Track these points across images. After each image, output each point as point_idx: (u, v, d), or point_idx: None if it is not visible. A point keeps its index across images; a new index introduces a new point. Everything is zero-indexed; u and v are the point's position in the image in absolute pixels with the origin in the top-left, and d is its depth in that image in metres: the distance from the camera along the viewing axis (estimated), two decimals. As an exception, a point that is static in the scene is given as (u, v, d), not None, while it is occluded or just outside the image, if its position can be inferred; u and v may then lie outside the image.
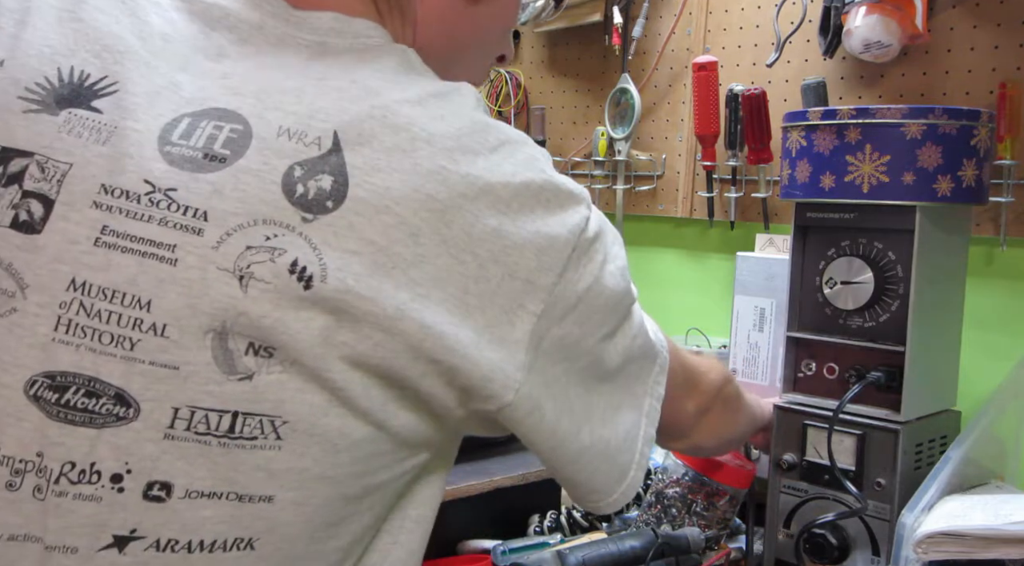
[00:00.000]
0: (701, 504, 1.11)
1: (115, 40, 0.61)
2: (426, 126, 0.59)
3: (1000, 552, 0.86)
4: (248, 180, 0.56)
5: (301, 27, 0.65)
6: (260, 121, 0.58)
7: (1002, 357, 1.16)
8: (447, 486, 1.08)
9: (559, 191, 0.62)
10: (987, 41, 1.20)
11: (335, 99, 0.60)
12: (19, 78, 0.59)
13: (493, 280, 0.58)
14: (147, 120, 0.58)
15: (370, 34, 0.66)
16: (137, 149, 0.57)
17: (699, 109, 1.46)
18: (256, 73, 0.61)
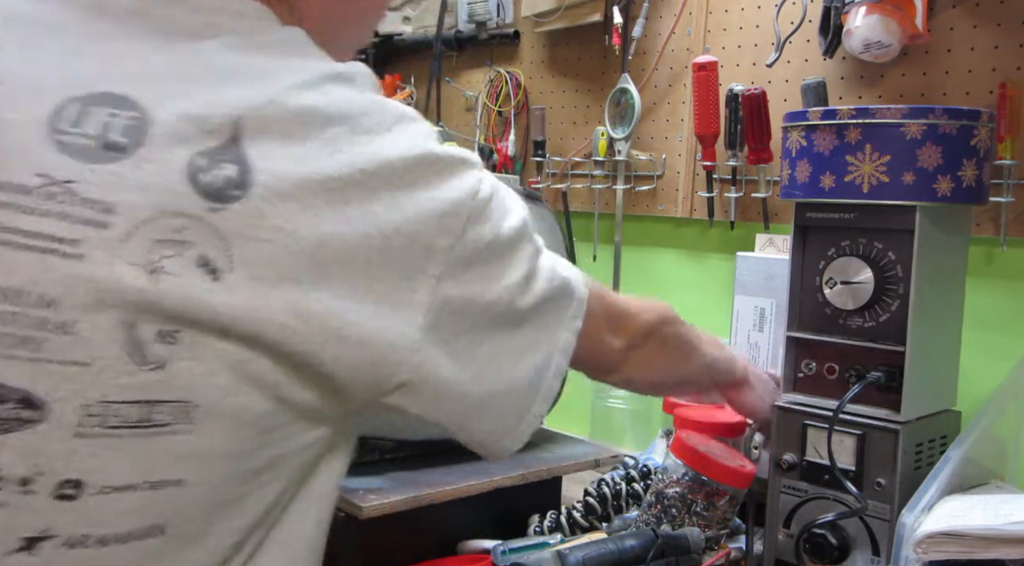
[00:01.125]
0: (701, 504, 1.11)
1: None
2: (323, 110, 0.60)
3: (1000, 552, 0.86)
4: (151, 170, 0.55)
5: (188, 7, 0.63)
6: (158, 108, 0.57)
7: (1002, 357, 1.16)
8: (447, 486, 1.09)
9: (451, 159, 0.65)
10: (987, 41, 1.20)
11: (233, 85, 0.59)
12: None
13: (396, 250, 0.60)
14: (27, 108, 0.56)
15: (259, 14, 0.65)
16: (22, 140, 0.55)
17: (699, 109, 1.46)
18: (147, 57, 0.60)
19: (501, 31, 1.82)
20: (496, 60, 1.85)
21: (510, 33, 1.81)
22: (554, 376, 0.75)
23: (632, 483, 1.22)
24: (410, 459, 1.17)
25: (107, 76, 0.58)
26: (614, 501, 1.20)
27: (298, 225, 0.56)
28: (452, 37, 1.89)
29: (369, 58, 2.05)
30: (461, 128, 1.92)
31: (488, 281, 0.66)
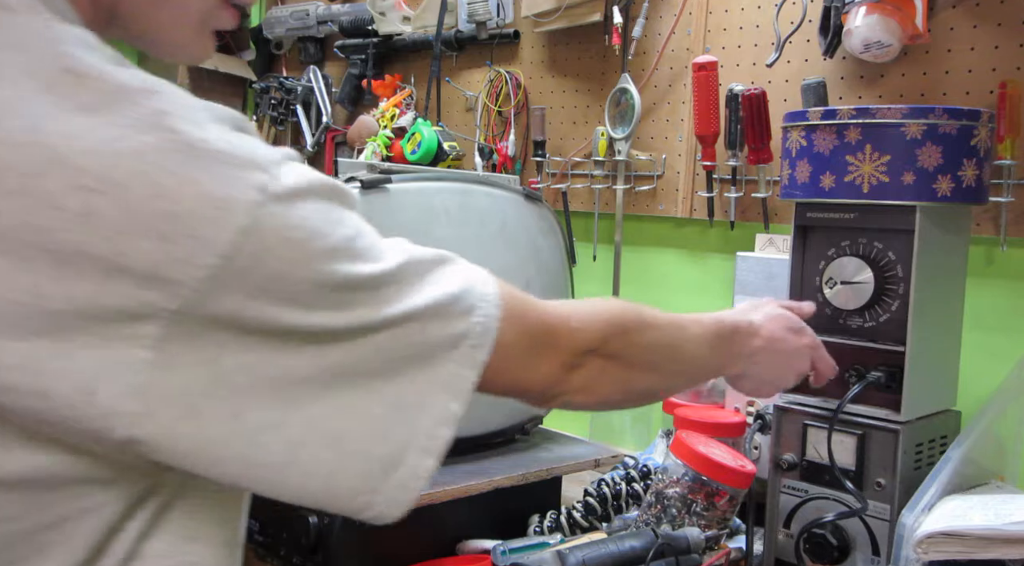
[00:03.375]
0: (701, 504, 1.11)
1: None
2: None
3: (1000, 552, 0.86)
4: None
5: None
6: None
7: (1002, 357, 1.16)
8: (447, 486, 1.09)
9: (202, 156, 0.48)
10: (987, 41, 1.20)
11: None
12: None
13: (87, 277, 0.46)
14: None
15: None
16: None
17: (699, 109, 1.46)
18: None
19: (501, 31, 1.82)
20: (496, 60, 1.85)
21: (510, 33, 1.81)
22: (436, 422, 0.57)
23: (632, 483, 1.22)
24: (410, 459, 1.17)
25: None
26: (614, 501, 1.20)
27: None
28: (452, 37, 1.89)
29: (369, 58, 2.06)
30: (461, 128, 1.92)
31: (284, 312, 0.50)
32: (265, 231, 0.48)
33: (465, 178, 1.26)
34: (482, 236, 1.21)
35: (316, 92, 2.22)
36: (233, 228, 0.47)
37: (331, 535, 1.05)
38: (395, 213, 1.14)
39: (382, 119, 1.97)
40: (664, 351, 0.82)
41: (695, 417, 1.27)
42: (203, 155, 0.47)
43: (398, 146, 1.89)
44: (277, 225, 0.49)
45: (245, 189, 0.48)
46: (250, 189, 0.48)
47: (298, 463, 0.53)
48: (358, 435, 0.55)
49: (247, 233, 0.47)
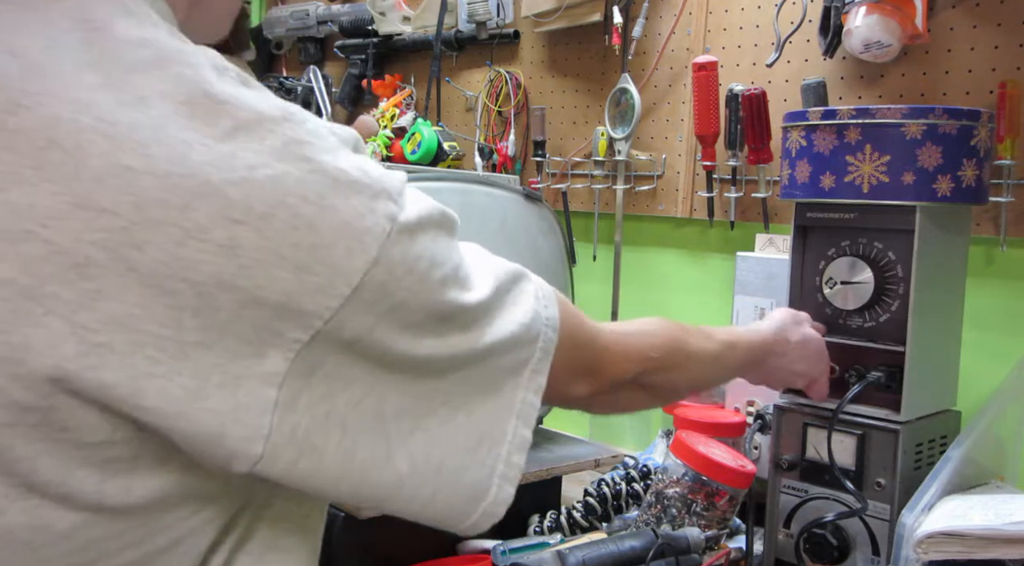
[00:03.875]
0: (701, 504, 1.11)
1: None
2: (105, 114, 0.44)
3: (1000, 552, 0.86)
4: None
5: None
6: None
7: (1002, 357, 1.16)
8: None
9: (339, 187, 0.47)
10: (987, 41, 1.20)
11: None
12: None
13: (224, 309, 0.45)
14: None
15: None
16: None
17: (699, 109, 1.46)
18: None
19: (501, 31, 1.82)
20: (496, 60, 1.85)
21: (510, 33, 1.81)
22: (512, 449, 0.59)
23: (632, 483, 1.22)
24: (410, 459, 1.17)
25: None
26: (614, 501, 1.20)
27: (40, 278, 0.43)
28: (452, 37, 1.89)
29: (369, 58, 2.06)
30: (461, 128, 1.92)
31: (395, 341, 0.51)
32: (393, 261, 0.49)
33: (465, 178, 1.25)
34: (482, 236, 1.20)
35: (316, 92, 2.22)
36: (367, 258, 0.48)
37: (331, 535, 1.05)
38: (395, 213, 1.13)
39: (382, 119, 1.97)
40: (689, 385, 0.85)
41: (695, 417, 1.27)
42: (340, 185, 0.47)
43: (398, 146, 1.89)
44: (404, 255, 0.50)
45: (378, 219, 0.48)
46: (382, 219, 0.49)
47: (401, 491, 0.54)
48: (451, 466, 0.56)
49: (377, 263, 0.48)
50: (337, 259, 0.47)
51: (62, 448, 0.44)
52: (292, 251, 0.45)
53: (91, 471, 0.45)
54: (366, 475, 0.52)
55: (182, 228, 0.44)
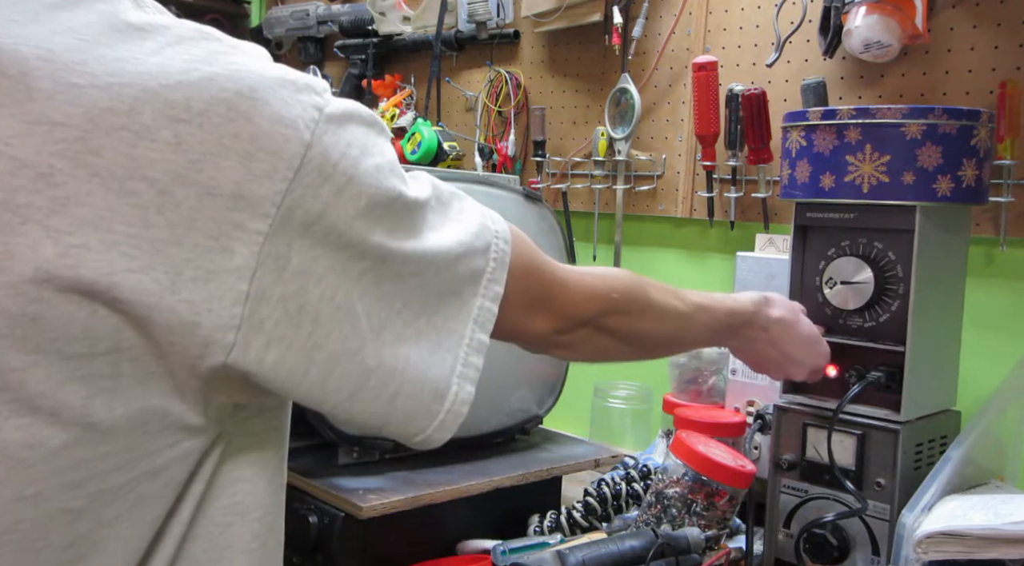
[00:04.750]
0: (701, 504, 1.11)
1: None
2: (42, 42, 0.48)
3: (1000, 552, 0.86)
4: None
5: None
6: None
7: (1002, 357, 1.16)
8: (447, 486, 1.09)
9: (265, 82, 0.52)
10: (987, 41, 1.20)
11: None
12: None
13: (184, 204, 0.49)
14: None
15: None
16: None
17: (699, 109, 1.46)
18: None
19: (501, 31, 1.82)
20: (496, 60, 1.85)
21: (510, 33, 1.81)
22: (471, 351, 0.63)
23: (632, 483, 1.22)
24: (410, 459, 1.17)
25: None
26: (614, 501, 1.20)
27: (10, 191, 0.47)
28: (452, 37, 1.89)
29: (369, 58, 2.06)
30: (461, 128, 1.92)
31: (350, 235, 0.54)
32: (326, 145, 0.53)
33: (465, 178, 1.26)
34: (482, 236, 1.21)
35: (316, 92, 2.21)
36: (301, 143, 0.52)
37: (331, 535, 1.05)
38: (395, 213, 1.14)
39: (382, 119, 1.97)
40: (657, 337, 0.85)
41: (695, 417, 1.27)
42: (267, 80, 0.52)
43: (398, 146, 1.89)
44: (335, 140, 0.53)
45: (306, 108, 0.53)
46: (310, 108, 0.53)
47: (367, 388, 0.57)
48: (416, 363, 0.59)
49: (311, 147, 0.52)
50: (275, 145, 0.51)
51: (50, 360, 0.47)
52: (233, 141, 0.50)
53: (78, 386, 0.48)
54: (334, 367, 0.55)
55: (132, 131, 0.48)
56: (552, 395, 1.31)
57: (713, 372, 1.41)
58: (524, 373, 1.26)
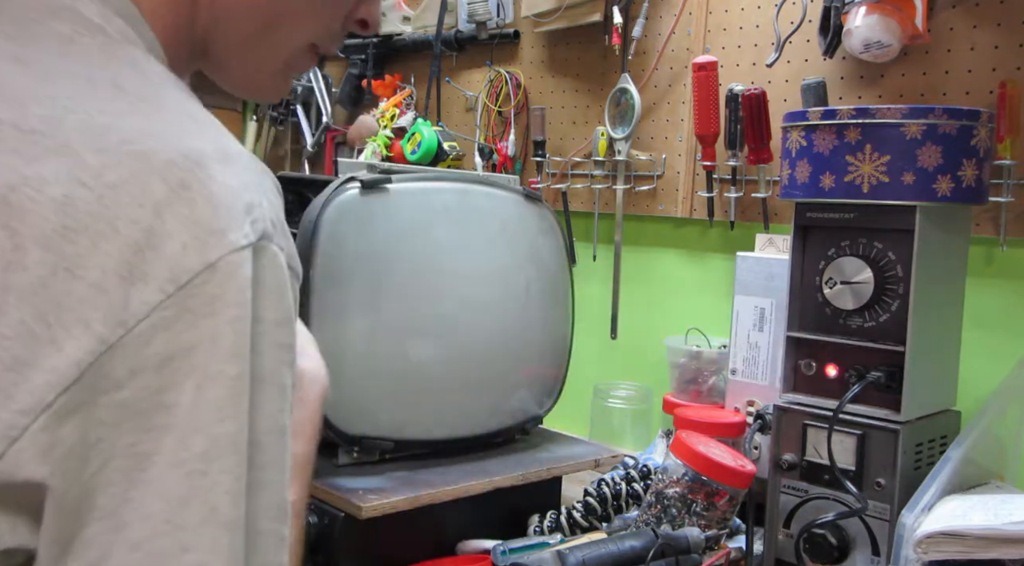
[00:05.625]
0: (701, 504, 1.11)
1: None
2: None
3: (1000, 552, 0.86)
4: None
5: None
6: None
7: (1002, 357, 1.16)
8: (447, 486, 1.09)
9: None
10: (987, 41, 1.20)
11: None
12: None
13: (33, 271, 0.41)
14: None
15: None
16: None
17: (699, 109, 1.46)
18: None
19: (501, 31, 1.82)
20: (496, 60, 1.85)
21: (510, 33, 1.81)
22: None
23: (632, 483, 1.22)
24: (410, 459, 1.17)
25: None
26: (614, 501, 1.20)
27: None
28: (452, 37, 1.89)
29: (369, 58, 2.06)
30: (461, 128, 1.92)
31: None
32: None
33: (465, 178, 1.26)
34: (482, 236, 1.21)
35: (316, 92, 2.22)
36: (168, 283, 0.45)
37: (331, 535, 1.05)
38: (395, 213, 1.14)
39: (382, 119, 1.97)
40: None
41: (695, 417, 1.28)
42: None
43: (398, 146, 1.89)
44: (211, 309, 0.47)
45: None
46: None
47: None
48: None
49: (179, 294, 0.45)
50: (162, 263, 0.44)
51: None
52: (129, 227, 0.44)
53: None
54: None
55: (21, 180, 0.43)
56: (552, 395, 1.31)
57: (713, 372, 1.41)
58: (524, 373, 1.26)
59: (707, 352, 1.42)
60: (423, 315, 1.16)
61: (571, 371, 1.33)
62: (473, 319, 1.20)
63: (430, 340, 1.16)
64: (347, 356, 1.10)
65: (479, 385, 1.21)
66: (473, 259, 1.20)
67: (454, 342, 1.18)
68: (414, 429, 1.17)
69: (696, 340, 1.44)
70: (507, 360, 1.24)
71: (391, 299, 1.13)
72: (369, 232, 1.11)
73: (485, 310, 1.21)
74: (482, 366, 1.21)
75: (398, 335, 1.14)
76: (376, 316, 1.12)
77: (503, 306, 1.23)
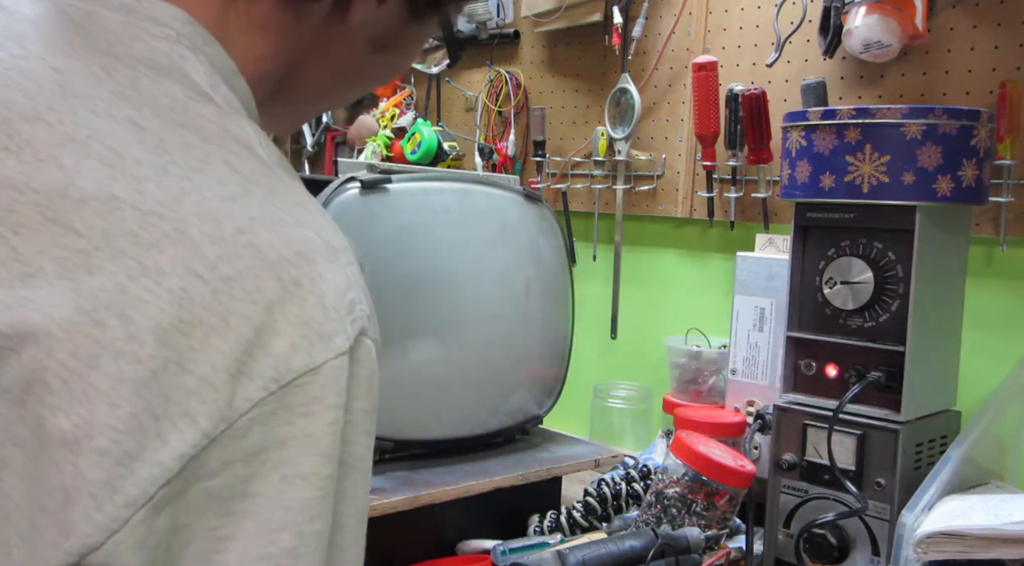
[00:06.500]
0: (701, 504, 1.11)
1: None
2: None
3: (1000, 552, 0.86)
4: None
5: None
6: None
7: (1002, 357, 1.16)
8: (447, 486, 1.09)
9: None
10: (987, 41, 1.20)
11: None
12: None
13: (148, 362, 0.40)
14: None
15: (175, 28, 0.49)
16: None
17: (699, 109, 1.46)
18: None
19: (501, 31, 1.82)
20: (496, 60, 1.85)
21: (510, 33, 1.81)
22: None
23: (632, 483, 1.22)
24: (410, 459, 1.17)
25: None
26: (614, 501, 1.20)
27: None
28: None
29: (369, 58, 2.05)
30: (461, 128, 1.92)
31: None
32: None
33: (465, 178, 1.26)
34: (482, 236, 1.21)
35: (316, 92, 2.21)
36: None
37: (331, 535, 1.05)
38: (395, 213, 1.14)
39: (382, 119, 1.97)
40: None
41: (695, 417, 1.28)
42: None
43: (398, 146, 1.89)
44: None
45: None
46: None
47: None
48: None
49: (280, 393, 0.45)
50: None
51: None
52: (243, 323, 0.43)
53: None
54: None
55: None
56: (552, 395, 1.31)
57: (713, 372, 1.42)
58: (524, 373, 1.26)
59: (707, 352, 1.42)
60: (423, 315, 1.16)
61: (571, 371, 1.33)
62: (473, 319, 1.20)
63: (430, 340, 1.16)
64: (347, 356, 1.10)
65: (479, 385, 1.21)
66: (473, 259, 1.20)
67: (454, 342, 1.18)
68: (414, 429, 1.17)
69: (696, 340, 1.44)
70: (507, 360, 1.24)
71: (391, 299, 1.13)
72: (369, 232, 1.11)
73: (485, 310, 1.21)
74: (482, 366, 1.21)
75: (398, 335, 1.14)
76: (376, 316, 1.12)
77: (503, 306, 1.23)
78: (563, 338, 1.31)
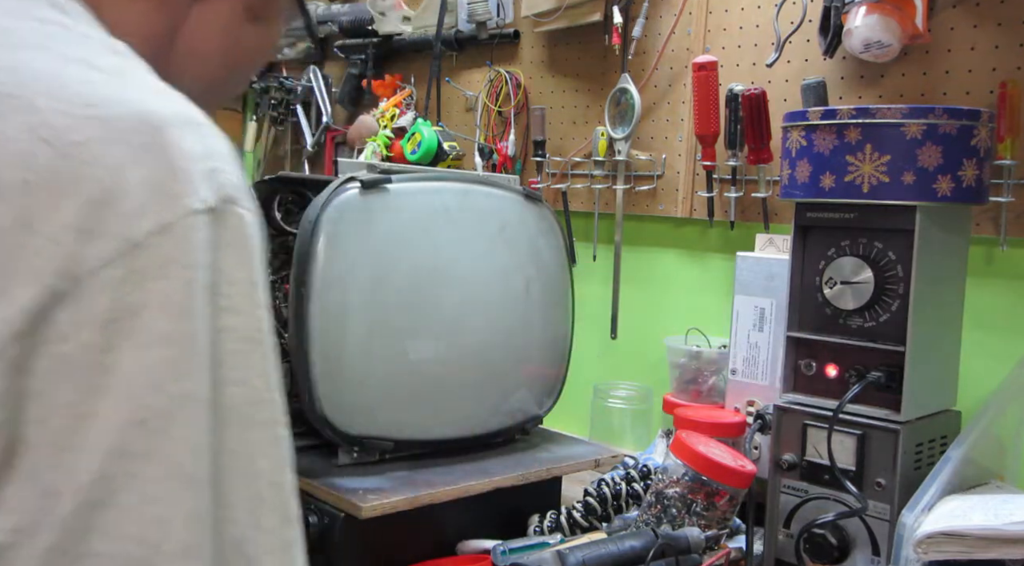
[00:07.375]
0: (701, 504, 1.11)
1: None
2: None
3: (1000, 552, 0.86)
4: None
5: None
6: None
7: (1002, 357, 1.16)
8: (447, 486, 1.09)
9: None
10: (987, 41, 1.20)
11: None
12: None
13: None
14: None
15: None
16: None
17: (699, 109, 1.46)
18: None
19: (501, 31, 1.82)
20: (496, 60, 1.85)
21: (510, 33, 1.81)
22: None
23: (632, 483, 1.22)
24: (410, 459, 1.17)
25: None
26: (614, 501, 1.20)
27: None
28: (452, 37, 1.89)
29: (369, 58, 2.06)
30: (461, 128, 1.92)
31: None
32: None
33: (465, 178, 1.26)
34: (482, 236, 1.21)
35: (316, 92, 2.22)
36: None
37: (331, 535, 1.05)
38: (395, 213, 1.14)
39: (382, 119, 1.97)
40: None
41: (695, 417, 1.28)
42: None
43: (398, 146, 1.89)
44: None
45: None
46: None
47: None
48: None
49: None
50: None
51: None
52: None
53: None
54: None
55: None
56: (552, 395, 1.31)
57: (713, 372, 1.42)
58: (524, 373, 1.26)
59: (707, 352, 1.42)
60: (423, 315, 1.16)
61: (571, 371, 1.33)
62: (473, 319, 1.20)
63: (430, 340, 1.16)
64: (347, 356, 1.10)
65: (479, 385, 1.21)
66: (473, 259, 1.20)
67: (454, 342, 1.18)
68: (414, 429, 1.17)
69: (696, 340, 1.44)
70: (507, 360, 1.24)
71: (391, 299, 1.13)
72: (369, 232, 1.11)
73: (485, 310, 1.21)
74: (482, 366, 1.21)
75: (398, 335, 1.14)
76: (376, 316, 1.12)
77: (503, 306, 1.23)
78: (563, 338, 1.31)
